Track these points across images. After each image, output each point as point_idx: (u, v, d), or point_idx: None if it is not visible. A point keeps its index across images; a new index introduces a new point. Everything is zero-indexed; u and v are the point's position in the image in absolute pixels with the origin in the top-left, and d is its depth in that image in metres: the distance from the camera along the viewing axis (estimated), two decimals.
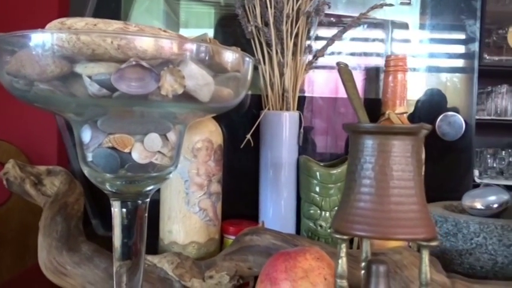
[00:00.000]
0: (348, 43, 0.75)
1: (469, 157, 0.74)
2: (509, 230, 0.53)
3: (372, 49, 0.75)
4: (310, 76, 0.76)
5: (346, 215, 0.37)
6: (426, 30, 0.74)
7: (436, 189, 0.69)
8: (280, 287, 0.46)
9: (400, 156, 0.37)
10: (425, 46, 0.75)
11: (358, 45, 0.75)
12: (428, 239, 0.36)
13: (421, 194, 0.37)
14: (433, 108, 0.74)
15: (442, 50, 0.75)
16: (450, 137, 0.72)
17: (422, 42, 0.75)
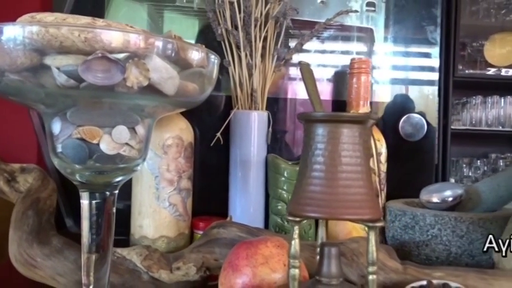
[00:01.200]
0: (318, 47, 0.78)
1: (431, 157, 0.78)
2: (462, 222, 0.56)
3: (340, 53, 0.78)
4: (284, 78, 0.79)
5: (299, 198, 0.40)
6: (390, 37, 0.78)
7: (399, 187, 0.72)
8: (241, 273, 0.48)
9: (349, 143, 0.39)
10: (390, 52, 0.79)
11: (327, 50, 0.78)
12: (373, 220, 0.38)
13: (367, 179, 0.40)
14: (398, 111, 0.77)
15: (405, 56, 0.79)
16: (413, 137, 0.76)
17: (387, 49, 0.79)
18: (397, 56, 0.79)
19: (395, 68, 0.79)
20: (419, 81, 0.79)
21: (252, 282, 0.47)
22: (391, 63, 0.79)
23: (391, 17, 0.77)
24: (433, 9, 0.77)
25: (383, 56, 0.78)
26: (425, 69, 0.79)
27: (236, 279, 0.48)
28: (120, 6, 0.79)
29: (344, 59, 0.77)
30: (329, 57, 0.78)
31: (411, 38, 0.78)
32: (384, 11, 0.77)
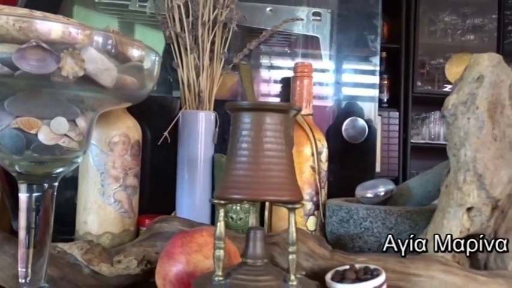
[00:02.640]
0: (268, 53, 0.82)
1: (372, 158, 0.82)
2: (391, 214, 0.59)
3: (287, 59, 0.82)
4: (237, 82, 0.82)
5: (225, 182, 0.42)
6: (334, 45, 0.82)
7: (341, 187, 0.75)
8: (176, 260, 0.49)
9: (272, 130, 0.42)
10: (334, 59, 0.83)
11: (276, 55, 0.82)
12: (292, 202, 0.41)
13: (289, 164, 0.42)
14: (342, 114, 0.81)
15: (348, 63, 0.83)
16: (355, 140, 0.79)
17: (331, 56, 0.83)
18: (341, 62, 0.83)
19: (339, 74, 0.83)
20: (361, 87, 0.83)
21: (185, 269, 0.48)
22: (335, 69, 0.83)
23: (335, 26, 0.81)
24: (374, 20, 0.82)
25: (328, 62, 0.83)
26: (367, 75, 0.83)
27: (171, 266, 0.49)
28: (80, 15, 0.81)
29: (291, 65, 0.81)
30: (278, 63, 0.82)
31: (354, 46, 0.82)
32: (329, 21, 0.81)
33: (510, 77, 0.53)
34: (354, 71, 0.83)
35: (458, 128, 0.51)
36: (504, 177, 0.50)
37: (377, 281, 0.44)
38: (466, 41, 2.53)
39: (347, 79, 0.83)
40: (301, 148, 0.68)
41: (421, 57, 2.47)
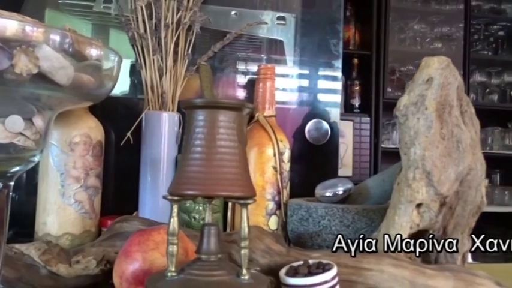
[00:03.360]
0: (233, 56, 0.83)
1: (334, 159, 0.83)
2: (348, 212, 0.61)
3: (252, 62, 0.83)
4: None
5: (178, 179, 0.43)
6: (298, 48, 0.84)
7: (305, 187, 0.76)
8: (132, 258, 0.49)
9: (225, 127, 0.43)
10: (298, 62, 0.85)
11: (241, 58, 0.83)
12: (244, 197, 0.42)
13: (242, 160, 0.43)
14: (305, 116, 0.83)
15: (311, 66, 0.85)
16: (318, 141, 0.81)
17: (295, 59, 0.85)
18: (305, 66, 0.85)
19: (303, 77, 0.84)
20: (324, 90, 0.85)
21: (142, 267, 0.49)
22: (299, 72, 0.85)
23: (299, 30, 0.83)
24: (336, 25, 0.84)
25: (292, 66, 0.84)
26: (329, 78, 0.85)
27: (127, 265, 0.49)
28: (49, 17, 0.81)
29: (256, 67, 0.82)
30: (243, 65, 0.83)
31: (317, 50, 0.84)
32: (293, 25, 0.83)
33: (458, 79, 0.56)
34: (317, 74, 0.85)
35: (408, 127, 0.53)
36: (451, 174, 0.52)
37: (328, 274, 0.45)
38: (435, 49, 2.60)
39: (310, 82, 0.85)
40: (263, 149, 0.69)
41: (391, 64, 2.53)
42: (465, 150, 0.53)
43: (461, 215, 0.54)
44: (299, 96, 0.84)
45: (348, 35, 2.50)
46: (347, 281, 0.49)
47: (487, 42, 2.65)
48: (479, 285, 0.48)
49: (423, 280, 0.48)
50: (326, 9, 0.83)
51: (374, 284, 0.48)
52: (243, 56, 0.83)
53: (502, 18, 2.65)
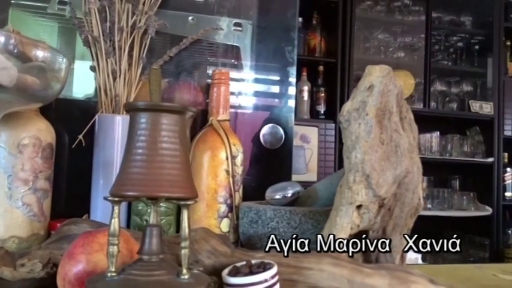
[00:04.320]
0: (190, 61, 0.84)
1: (288, 163, 0.85)
2: (296, 214, 0.63)
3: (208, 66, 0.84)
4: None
5: (119, 180, 0.43)
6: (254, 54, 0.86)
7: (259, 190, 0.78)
8: (76, 260, 0.49)
9: (167, 130, 0.44)
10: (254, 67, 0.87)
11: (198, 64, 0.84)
12: (185, 198, 0.43)
13: (183, 162, 0.44)
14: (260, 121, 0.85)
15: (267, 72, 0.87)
16: (272, 145, 0.83)
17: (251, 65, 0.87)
18: (260, 72, 0.86)
19: (259, 82, 0.86)
20: (279, 95, 0.87)
21: (85, 269, 0.49)
22: (254, 78, 0.86)
23: (255, 37, 0.85)
24: (291, 33, 0.86)
25: (248, 71, 0.86)
26: (284, 84, 0.87)
27: (71, 266, 0.49)
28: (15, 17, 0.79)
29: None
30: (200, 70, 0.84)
31: (272, 56, 0.86)
32: (249, 31, 0.85)
33: (397, 87, 0.58)
34: (272, 80, 0.87)
35: (351, 132, 0.56)
36: (389, 177, 0.54)
37: (268, 273, 0.46)
38: (398, 58, 2.68)
39: (266, 87, 0.87)
40: (216, 152, 0.71)
41: (356, 71, 2.59)
42: (403, 154, 0.55)
43: (400, 216, 0.56)
44: (255, 101, 0.86)
45: (314, 43, 2.54)
46: (289, 280, 0.50)
47: (447, 52, 2.76)
48: (413, 283, 0.50)
49: (360, 278, 0.50)
50: (282, 17, 0.86)
51: (314, 283, 0.50)
52: (200, 61, 0.84)
53: (461, 30, 2.76)
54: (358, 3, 2.53)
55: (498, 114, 2.62)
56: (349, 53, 2.51)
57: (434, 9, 2.64)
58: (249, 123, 0.85)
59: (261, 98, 0.87)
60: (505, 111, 2.65)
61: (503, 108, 2.65)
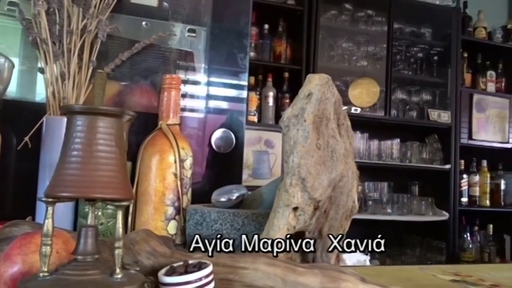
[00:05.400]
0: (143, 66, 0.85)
1: (239, 167, 0.87)
2: (239, 216, 0.64)
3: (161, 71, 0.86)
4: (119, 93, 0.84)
5: (54, 181, 0.44)
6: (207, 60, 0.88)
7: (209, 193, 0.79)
8: (12, 261, 0.49)
9: (103, 133, 0.45)
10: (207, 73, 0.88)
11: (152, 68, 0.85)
12: (118, 199, 0.44)
13: (119, 164, 0.45)
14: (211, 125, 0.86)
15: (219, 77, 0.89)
16: (223, 150, 0.85)
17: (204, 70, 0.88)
18: (213, 77, 0.88)
19: (211, 88, 0.88)
20: (231, 100, 0.89)
21: (21, 270, 0.49)
22: (207, 83, 0.88)
23: (209, 43, 0.87)
24: (244, 40, 0.89)
25: (201, 76, 0.88)
26: (236, 90, 0.89)
27: (6, 267, 0.49)
28: None
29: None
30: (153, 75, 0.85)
31: (225, 63, 0.88)
32: (203, 38, 0.87)
33: (335, 95, 0.61)
34: (224, 86, 0.89)
35: (289, 137, 0.58)
36: (325, 181, 0.57)
37: (202, 272, 0.48)
38: (361, 67, 2.76)
39: (218, 93, 0.88)
40: (164, 155, 0.72)
41: None
42: (338, 159, 0.58)
43: (335, 218, 0.59)
44: (207, 106, 0.88)
45: (280, 50, 2.59)
46: (225, 279, 0.52)
47: (408, 62, 2.85)
48: (343, 281, 0.53)
49: (293, 277, 0.52)
50: (235, 25, 0.88)
51: (249, 282, 0.52)
52: (154, 65, 0.85)
53: (421, 41, 2.86)
54: (323, 12, 2.59)
55: (455, 122, 2.73)
56: (313, 60, 2.56)
57: (396, 20, 2.73)
58: (201, 127, 0.86)
59: (213, 103, 0.88)
60: (462, 120, 2.77)
61: (460, 117, 2.76)
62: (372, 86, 2.66)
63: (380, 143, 2.65)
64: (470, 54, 2.94)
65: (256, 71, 2.53)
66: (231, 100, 0.89)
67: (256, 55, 2.52)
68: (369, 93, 2.68)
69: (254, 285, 0.52)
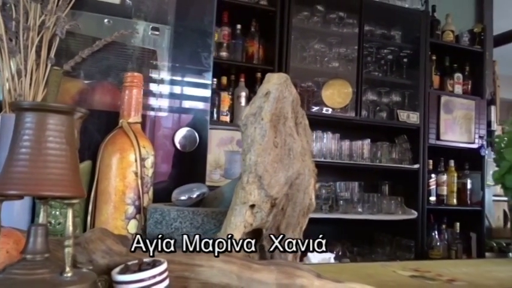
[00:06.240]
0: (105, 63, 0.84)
1: (203, 166, 0.88)
2: (198, 215, 0.65)
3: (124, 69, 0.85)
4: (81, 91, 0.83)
5: (2, 179, 0.43)
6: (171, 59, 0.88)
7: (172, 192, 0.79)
8: None
9: (53, 130, 0.44)
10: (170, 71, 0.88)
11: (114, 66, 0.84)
12: (68, 197, 0.43)
13: (70, 162, 0.45)
14: (175, 124, 0.86)
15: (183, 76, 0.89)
16: (186, 148, 0.85)
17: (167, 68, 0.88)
18: (177, 76, 0.88)
19: (175, 86, 0.88)
20: (195, 100, 0.89)
21: None
22: (171, 82, 0.88)
23: (172, 41, 0.87)
24: (207, 39, 0.89)
25: (165, 75, 0.87)
26: (200, 89, 0.90)
27: None
28: None
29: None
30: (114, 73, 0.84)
31: (189, 61, 0.88)
32: (167, 36, 0.86)
33: (293, 94, 0.62)
34: (188, 84, 0.89)
35: (247, 136, 0.59)
36: (281, 178, 0.58)
37: (156, 270, 0.48)
38: (333, 68, 2.79)
39: (182, 91, 0.88)
40: (124, 154, 0.71)
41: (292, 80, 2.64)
42: (295, 157, 0.59)
43: (292, 215, 0.60)
44: (170, 104, 0.88)
45: (252, 50, 2.59)
46: (181, 277, 0.52)
47: (378, 64, 2.90)
48: (299, 277, 0.54)
49: (249, 274, 0.53)
50: (199, 24, 0.88)
51: (205, 279, 0.52)
52: (117, 63, 0.84)
53: (391, 44, 2.92)
54: (295, 13, 2.61)
55: (424, 123, 2.79)
56: (286, 61, 2.58)
57: (366, 22, 2.77)
58: (164, 126, 0.86)
59: (177, 102, 0.88)
60: (430, 120, 2.84)
61: (428, 118, 2.83)
62: (344, 87, 2.70)
63: (351, 143, 2.69)
64: (438, 56, 3.02)
65: (229, 71, 2.53)
66: (195, 99, 0.89)
67: (229, 55, 2.52)
68: (340, 94, 2.72)
69: (210, 283, 0.52)
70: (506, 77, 4.10)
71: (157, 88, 0.86)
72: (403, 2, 2.89)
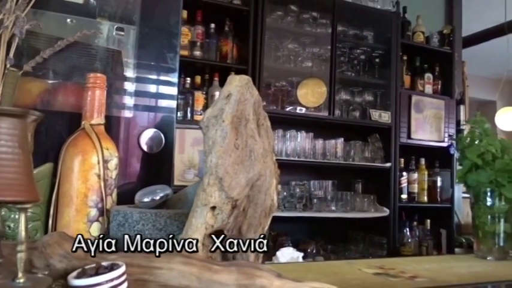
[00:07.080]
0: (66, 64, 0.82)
1: (169, 167, 0.87)
2: (161, 217, 0.64)
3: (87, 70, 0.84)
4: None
5: None
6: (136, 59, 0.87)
7: None
8: None
9: (5, 133, 0.43)
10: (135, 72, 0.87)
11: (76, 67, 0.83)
12: (20, 202, 0.43)
13: (22, 166, 0.44)
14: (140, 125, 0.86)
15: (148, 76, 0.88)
16: (152, 150, 0.84)
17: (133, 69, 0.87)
18: (142, 76, 0.88)
19: (140, 87, 0.87)
20: (161, 100, 0.89)
21: None
22: (136, 83, 0.87)
23: (138, 42, 0.86)
24: (173, 40, 0.88)
25: (130, 76, 0.87)
26: (165, 90, 0.89)
27: None
28: None
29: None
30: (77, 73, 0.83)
31: (154, 61, 0.88)
32: (132, 37, 0.86)
33: (254, 96, 0.63)
34: (153, 85, 0.89)
35: (209, 137, 0.59)
36: (242, 180, 0.58)
37: (114, 273, 0.48)
38: (306, 67, 2.81)
39: (147, 92, 0.88)
40: (86, 156, 0.70)
41: (267, 79, 2.67)
42: (256, 159, 0.60)
43: (253, 216, 0.60)
44: (135, 105, 0.87)
45: (226, 49, 2.59)
46: (140, 280, 0.52)
47: (351, 64, 2.94)
48: (259, 277, 0.54)
49: (209, 275, 0.53)
50: (165, 24, 0.87)
51: (164, 281, 0.52)
52: (80, 64, 0.83)
53: (364, 44, 2.96)
54: (269, 13, 2.62)
55: (395, 122, 2.84)
56: (259, 60, 2.59)
57: (339, 23, 2.81)
58: (129, 127, 0.85)
59: (142, 103, 0.88)
60: (401, 120, 2.89)
61: (400, 117, 2.88)
62: (318, 86, 2.72)
63: (325, 142, 2.72)
64: (409, 57, 3.08)
65: (203, 71, 2.53)
66: (161, 100, 0.89)
67: (203, 54, 2.51)
68: (314, 94, 2.74)
69: (169, 285, 0.52)
70: (475, 77, 4.22)
71: (122, 89, 0.85)
72: (375, 3, 2.94)
